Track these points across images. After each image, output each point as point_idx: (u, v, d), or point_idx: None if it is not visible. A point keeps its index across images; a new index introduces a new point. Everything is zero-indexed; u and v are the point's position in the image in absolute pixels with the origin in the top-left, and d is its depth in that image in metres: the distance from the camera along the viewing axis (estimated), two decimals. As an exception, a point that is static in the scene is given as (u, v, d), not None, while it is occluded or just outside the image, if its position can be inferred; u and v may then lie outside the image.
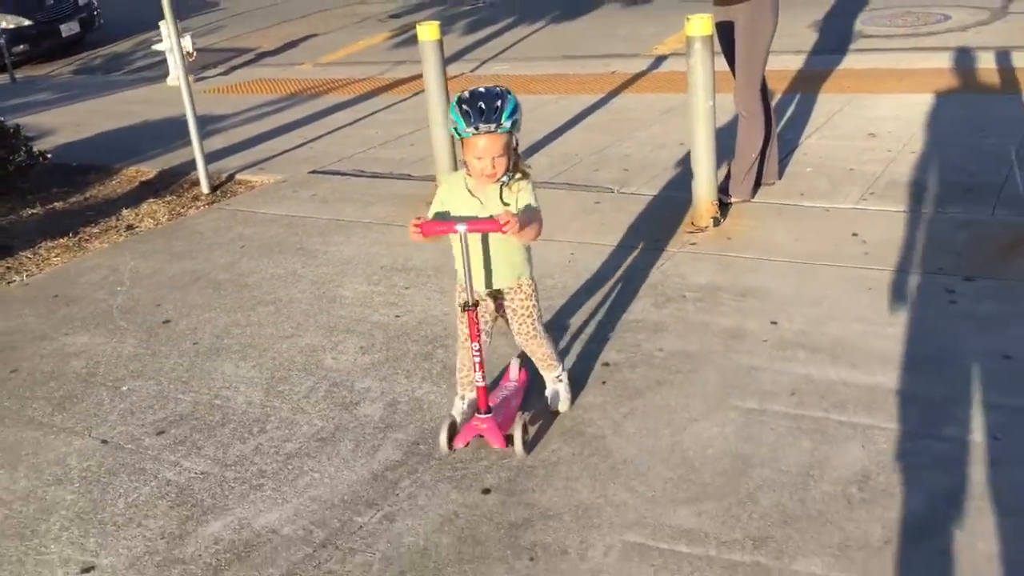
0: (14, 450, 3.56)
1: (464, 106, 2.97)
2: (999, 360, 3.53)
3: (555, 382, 3.48)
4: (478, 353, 3.17)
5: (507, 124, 2.98)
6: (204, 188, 6.89)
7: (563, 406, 3.45)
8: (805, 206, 5.27)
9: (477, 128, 2.95)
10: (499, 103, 2.97)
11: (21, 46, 13.98)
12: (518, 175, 3.14)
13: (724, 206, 5.23)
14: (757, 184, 5.48)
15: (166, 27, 11.38)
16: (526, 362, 3.56)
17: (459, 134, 3.01)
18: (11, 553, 2.97)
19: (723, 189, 5.31)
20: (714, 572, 2.63)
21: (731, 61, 5.25)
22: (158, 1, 6.97)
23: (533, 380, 3.57)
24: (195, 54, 11.83)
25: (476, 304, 3.18)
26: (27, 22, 14.12)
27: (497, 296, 3.31)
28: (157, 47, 11.95)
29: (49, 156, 7.35)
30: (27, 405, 3.88)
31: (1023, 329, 3.73)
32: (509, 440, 3.19)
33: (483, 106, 2.95)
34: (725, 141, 5.32)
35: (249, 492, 3.17)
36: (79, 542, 2.99)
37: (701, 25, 4.73)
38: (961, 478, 2.91)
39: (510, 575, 2.68)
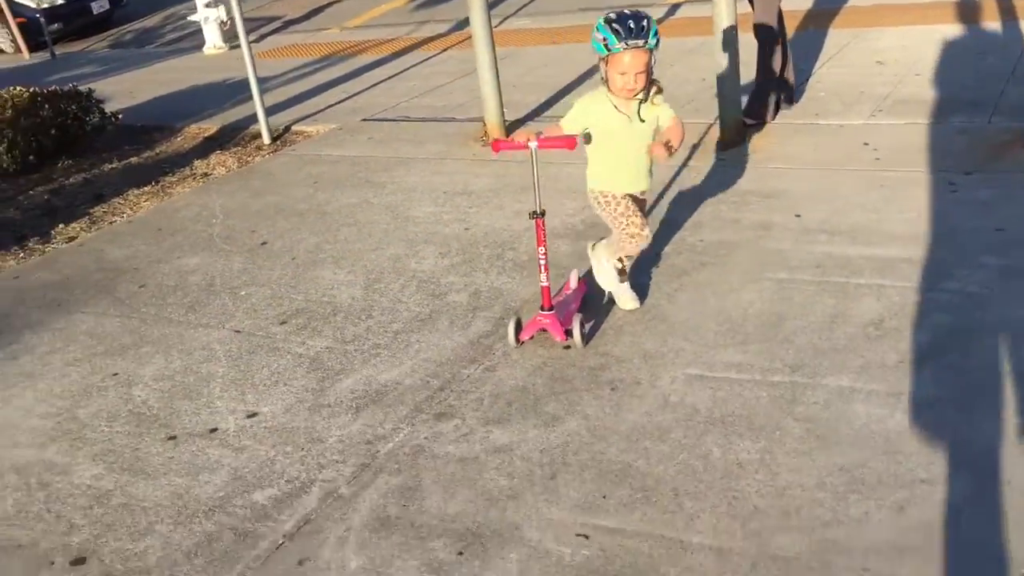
0: (163, 341, 4.22)
1: (614, 24, 3.33)
2: (993, 232, 4.15)
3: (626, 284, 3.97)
4: (543, 256, 3.66)
5: (652, 41, 3.35)
6: (266, 139, 7.50)
7: (633, 303, 3.92)
8: (820, 124, 5.87)
9: (627, 44, 3.31)
10: (645, 22, 3.34)
11: (55, 24, 14.55)
12: (654, 90, 3.52)
13: (747, 127, 5.83)
14: (776, 108, 6.07)
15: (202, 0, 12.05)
16: (582, 275, 4.11)
17: (608, 50, 3.36)
18: (186, 409, 3.64)
19: (746, 112, 5.91)
20: (760, 389, 3.27)
21: (750, -4, 5.83)
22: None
23: (590, 288, 4.16)
24: (229, 22, 12.43)
25: (543, 213, 3.67)
26: (60, 1, 14.69)
27: (638, 196, 3.76)
28: (192, 18, 12.56)
29: (120, 116, 7.97)
30: (162, 310, 4.55)
31: (1013, 209, 4.35)
32: (569, 334, 3.70)
33: (632, 24, 3.31)
34: (745, 71, 5.90)
35: (369, 359, 3.83)
36: (239, 398, 3.66)
37: (723, -38, 5.30)
38: (959, 318, 3.54)
39: (597, 401, 3.33)
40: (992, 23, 7.46)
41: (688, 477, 2.88)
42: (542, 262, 3.71)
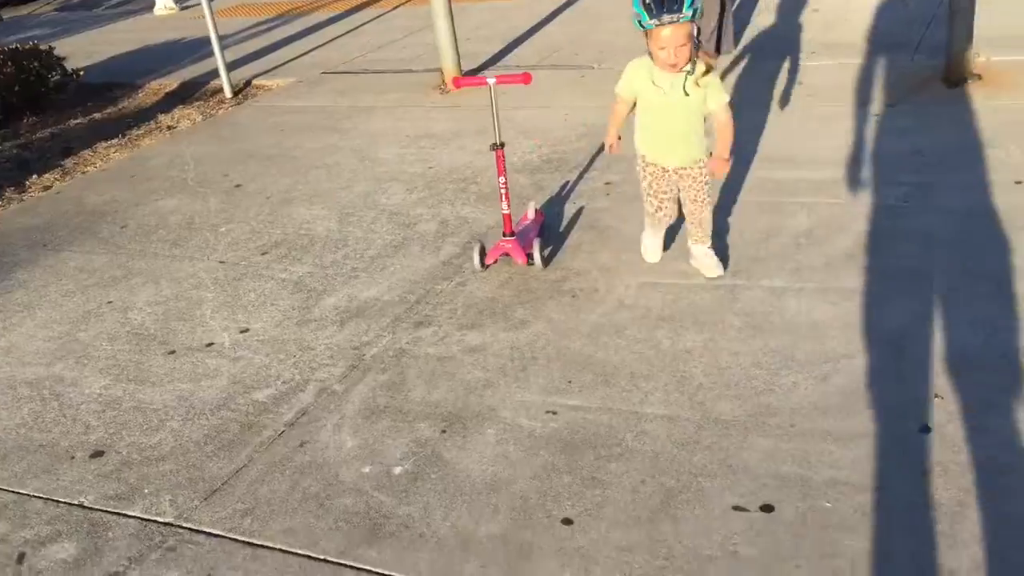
0: (151, 272, 4.50)
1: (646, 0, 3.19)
2: (910, 155, 4.59)
3: (707, 252, 3.78)
4: (504, 186, 3.98)
5: (688, 13, 3.16)
6: (227, 93, 7.71)
7: (716, 271, 3.74)
8: (758, 65, 6.27)
9: (660, 19, 3.17)
10: None
11: (0, -13, 14.42)
12: (702, 67, 3.38)
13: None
14: (717, 51, 6.45)
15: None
16: (539, 206, 4.42)
17: (642, 26, 3.24)
18: (181, 328, 3.94)
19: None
20: (704, 292, 3.67)
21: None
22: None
23: (549, 218, 4.51)
24: (180, -17, 12.47)
25: (503, 145, 3.96)
26: (3, -36, 14.52)
27: (679, 171, 3.63)
28: (143, -21, 12.58)
29: (82, 72, 8.10)
30: (147, 246, 4.81)
31: (930, 135, 4.79)
32: (530, 258, 4.05)
33: None
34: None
35: (349, 280, 4.16)
36: (231, 317, 3.97)
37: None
38: (878, 226, 3.97)
39: (559, 307, 3.70)
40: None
41: (642, 363, 3.27)
42: (503, 191, 4.04)
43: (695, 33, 3.25)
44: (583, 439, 2.93)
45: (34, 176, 6.23)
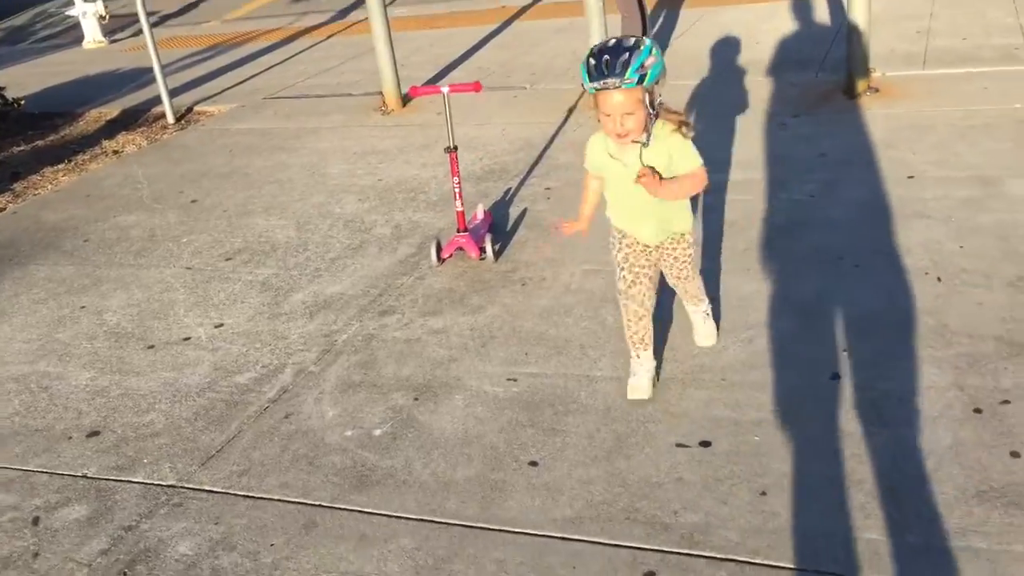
0: (120, 280, 4.73)
1: (590, 59, 2.80)
2: (816, 157, 5.13)
3: (703, 316, 3.47)
4: (457, 185, 4.37)
5: (633, 78, 2.73)
6: (170, 118, 7.93)
7: (708, 341, 3.47)
8: (677, 84, 6.79)
9: (603, 82, 2.75)
10: (627, 56, 2.74)
11: (-81, 24, 14.28)
12: (669, 127, 2.95)
13: (616, 88, 6.71)
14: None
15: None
16: (487, 208, 4.83)
17: (585, 88, 2.89)
18: (158, 326, 4.20)
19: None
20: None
21: (612, -26, 6.68)
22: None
23: (496, 220, 4.91)
24: (108, 17, 12.61)
25: (456, 148, 4.38)
26: (-78, 0, 14.42)
27: (657, 247, 3.19)
28: (71, 12, 12.66)
29: (24, 102, 8.23)
30: (112, 257, 5.04)
31: (832, 140, 5.34)
32: (483, 251, 4.48)
33: (608, 59, 2.75)
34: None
35: (313, 279, 4.47)
36: (204, 315, 4.24)
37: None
38: (790, 218, 4.46)
39: (512, 294, 4.09)
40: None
41: (590, 336, 3.67)
42: (456, 190, 4.42)
43: (647, 100, 2.83)
44: (542, 399, 3.30)
45: (-16, 199, 6.37)
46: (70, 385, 3.78)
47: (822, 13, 8.15)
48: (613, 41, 2.83)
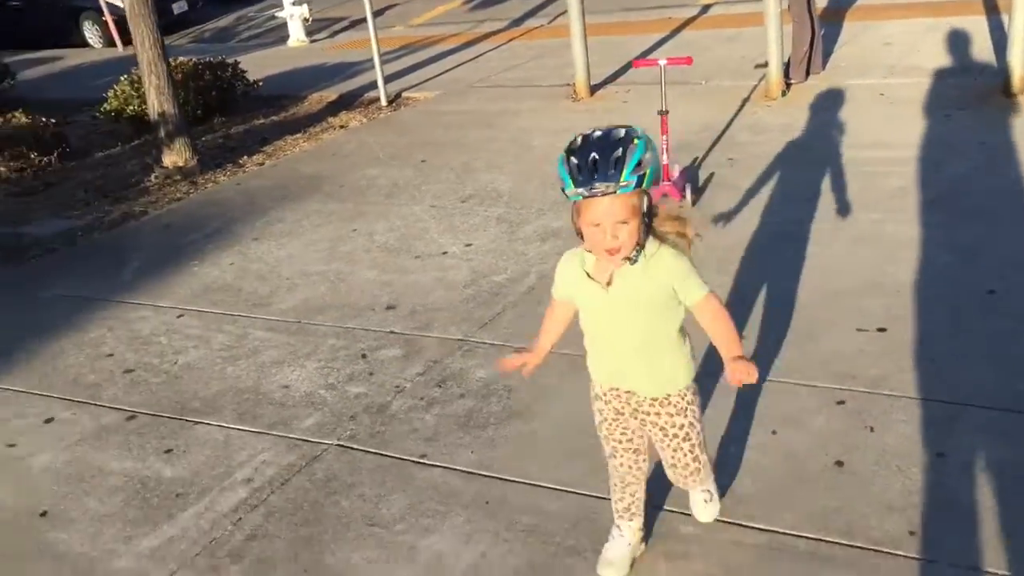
0: (378, 213, 5.82)
1: (573, 158, 2.25)
2: (977, 145, 5.79)
3: (705, 497, 2.76)
4: (666, 143, 5.14)
5: (630, 180, 2.19)
6: (383, 101, 9.14)
7: (704, 517, 2.79)
8: (844, 83, 7.53)
9: (591, 188, 2.19)
10: (620, 152, 2.20)
11: (141, 23, 16.19)
12: (667, 250, 2.33)
13: (788, 84, 7.50)
14: (808, 72, 7.73)
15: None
16: (684, 167, 5.74)
17: (567, 196, 2.26)
18: (418, 244, 5.25)
19: (785, 73, 7.57)
20: (820, 222, 4.90)
21: (787, -16, 7.47)
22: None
23: (689, 173, 5.78)
24: (311, 19, 14.13)
25: (667, 112, 5.29)
26: (146, 2, 16.34)
27: (647, 405, 2.50)
28: (279, 14, 14.25)
29: (261, 83, 9.62)
30: (367, 198, 6.17)
31: (993, 132, 5.99)
32: (683, 196, 5.31)
33: (596, 157, 2.21)
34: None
35: (539, 216, 5.44)
36: (454, 237, 5.27)
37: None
38: (953, 188, 5.17)
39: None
40: (973, 16, 9.17)
41: (779, 262, 4.49)
42: (664, 146, 5.33)
43: (644, 206, 2.27)
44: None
45: (245, 157, 7.65)
46: (361, 278, 4.85)
47: (977, 27, 8.71)
48: (598, 133, 2.29)
